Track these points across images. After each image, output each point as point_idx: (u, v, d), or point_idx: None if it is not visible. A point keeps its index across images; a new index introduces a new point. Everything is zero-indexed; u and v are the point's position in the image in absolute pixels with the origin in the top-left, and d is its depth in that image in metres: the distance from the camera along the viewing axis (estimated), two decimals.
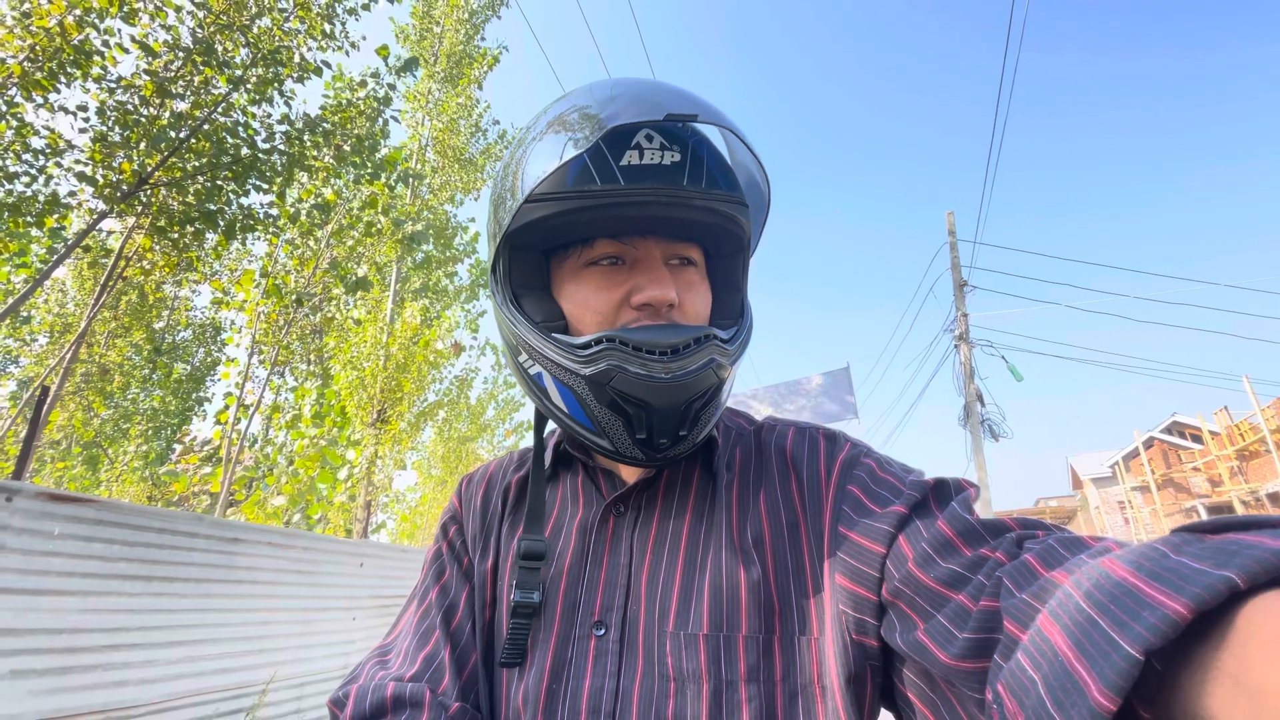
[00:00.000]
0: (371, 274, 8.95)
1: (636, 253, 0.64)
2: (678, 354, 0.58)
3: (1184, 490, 24.41)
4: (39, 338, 10.54)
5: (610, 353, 0.58)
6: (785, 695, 0.56)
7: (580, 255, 0.65)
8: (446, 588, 0.71)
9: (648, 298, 0.61)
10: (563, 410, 0.65)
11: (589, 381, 0.60)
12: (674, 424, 0.60)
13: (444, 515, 0.79)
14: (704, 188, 0.61)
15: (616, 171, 0.59)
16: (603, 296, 0.63)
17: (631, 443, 0.61)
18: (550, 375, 0.63)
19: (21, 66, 4.33)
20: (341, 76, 6.82)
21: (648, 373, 0.58)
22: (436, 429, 13.21)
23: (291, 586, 4.02)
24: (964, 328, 12.48)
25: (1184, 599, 0.27)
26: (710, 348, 0.60)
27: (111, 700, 2.79)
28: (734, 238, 0.67)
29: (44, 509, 2.58)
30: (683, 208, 0.60)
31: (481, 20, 11.66)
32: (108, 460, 9.77)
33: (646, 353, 0.58)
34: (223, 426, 7.39)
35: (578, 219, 0.60)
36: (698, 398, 0.60)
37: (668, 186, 0.59)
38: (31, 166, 4.67)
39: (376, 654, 0.69)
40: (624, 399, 0.59)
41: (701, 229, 0.64)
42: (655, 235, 0.64)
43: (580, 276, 0.65)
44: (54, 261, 5.10)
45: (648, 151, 0.59)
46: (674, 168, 0.60)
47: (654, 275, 0.62)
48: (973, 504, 0.55)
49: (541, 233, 0.63)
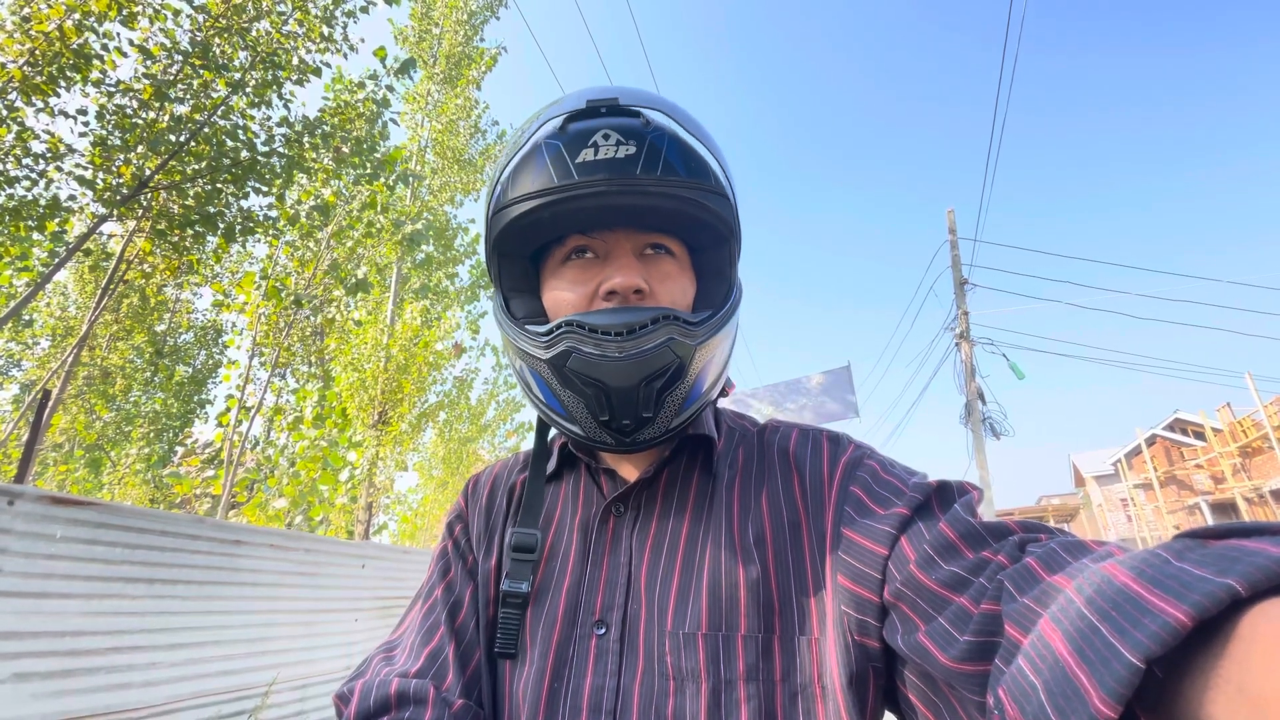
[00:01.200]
0: (372, 275, 8.96)
1: (607, 245, 0.66)
2: (633, 334, 0.60)
3: (1187, 487, 24.37)
4: (41, 341, 10.56)
5: (567, 335, 0.61)
6: (785, 695, 0.56)
7: (556, 253, 0.68)
8: (451, 585, 0.72)
9: (612, 285, 0.63)
10: (541, 400, 0.68)
11: (549, 364, 0.63)
12: (633, 404, 0.62)
13: (450, 514, 0.80)
14: (659, 175, 0.62)
15: (572, 168, 0.61)
16: (576, 289, 0.66)
17: (597, 425, 0.64)
18: (527, 366, 0.67)
19: (21, 71, 4.34)
20: (341, 79, 6.83)
21: (601, 352, 0.60)
22: (437, 430, 13.23)
23: (294, 588, 4.02)
24: (965, 326, 12.47)
25: (1185, 606, 0.27)
26: (669, 327, 0.61)
27: (115, 703, 2.80)
28: (708, 226, 0.67)
29: (46, 512, 2.59)
30: (637, 195, 0.62)
31: (480, 21, 11.66)
32: (110, 463, 9.79)
33: (602, 333, 0.60)
34: (224, 429, 7.40)
35: (540, 216, 0.63)
36: (656, 376, 0.61)
37: (620, 176, 0.61)
38: (32, 170, 4.68)
39: (382, 650, 0.70)
40: (581, 379, 0.61)
41: (666, 216, 0.65)
42: (623, 227, 0.66)
43: (558, 273, 0.68)
44: (55, 265, 5.11)
45: (603, 148, 0.62)
46: (628, 159, 0.61)
47: (620, 264, 0.65)
48: (975, 507, 0.55)
49: (519, 236, 0.67)
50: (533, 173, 0.63)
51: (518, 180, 0.64)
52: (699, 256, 0.71)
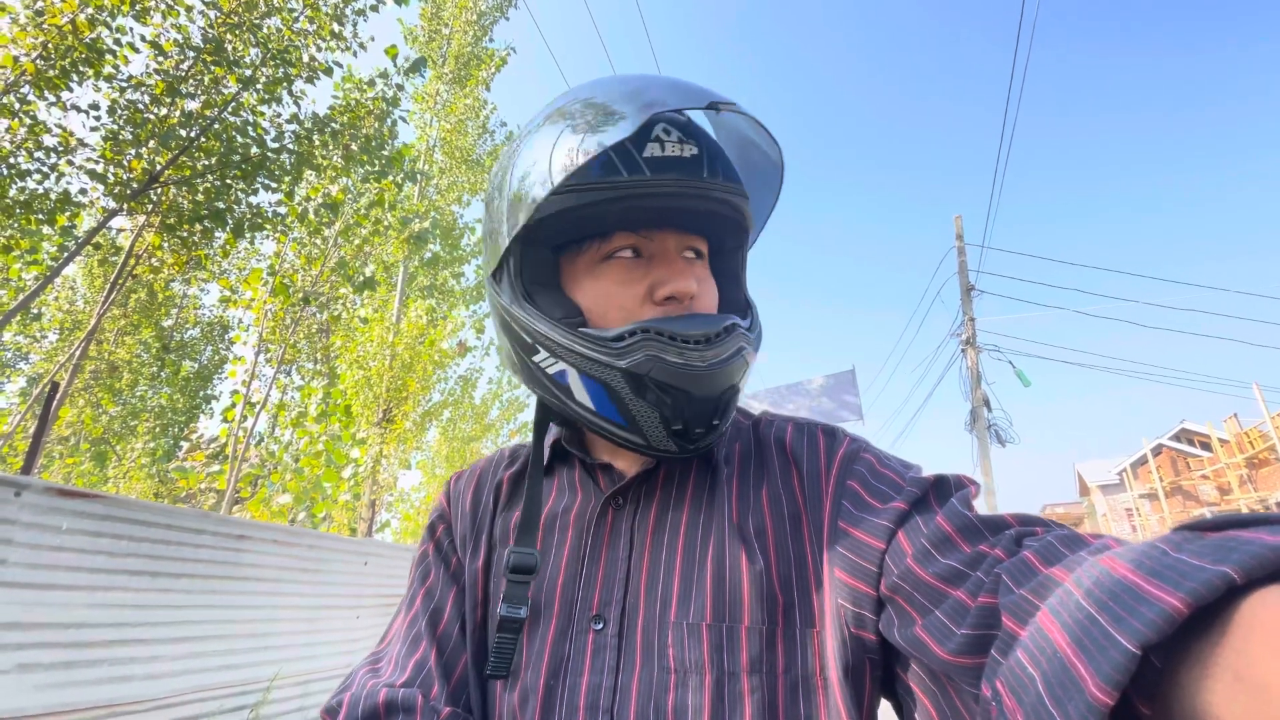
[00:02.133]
0: (379, 273, 8.98)
1: (653, 246, 0.63)
2: (711, 343, 0.58)
3: (1192, 498, 24.23)
4: (49, 334, 10.63)
5: (647, 343, 0.58)
6: (787, 687, 0.56)
7: (598, 249, 0.63)
8: (432, 591, 0.71)
9: (672, 290, 0.61)
10: (588, 408, 0.63)
11: (626, 374, 0.59)
12: (709, 413, 0.60)
13: (432, 514, 0.78)
14: (721, 180, 0.61)
15: (641, 163, 0.58)
16: (625, 291, 0.62)
17: (666, 435, 0.61)
18: (578, 371, 0.62)
19: (34, 64, 4.37)
20: (351, 77, 6.85)
21: (685, 361, 0.57)
22: (441, 429, 13.26)
23: (296, 584, 4.03)
24: (971, 332, 12.44)
25: (1181, 594, 0.27)
26: (738, 336, 0.60)
27: (117, 695, 2.80)
28: (740, 231, 0.68)
29: (52, 504, 2.60)
30: (704, 200, 0.61)
31: (490, 22, 11.71)
32: (115, 457, 9.83)
33: (683, 341, 0.57)
34: (229, 424, 7.42)
35: (602, 211, 0.60)
36: (730, 386, 0.61)
37: (690, 179, 0.59)
38: (43, 164, 4.71)
39: (369, 662, 0.68)
40: (663, 389, 0.58)
41: (715, 221, 0.65)
42: (672, 228, 0.64)
43: (598, 271, 0.63)
44: (64, 259, 5.14)
45: (668, 144, 0.59)
46: (694, 160, 0.60)
47: (675, 268, 0.62)
48: (972, 501, 0.55)
49: (560, 226, 0.62)
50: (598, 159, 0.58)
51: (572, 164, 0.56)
52: (715, 257, 0.71)
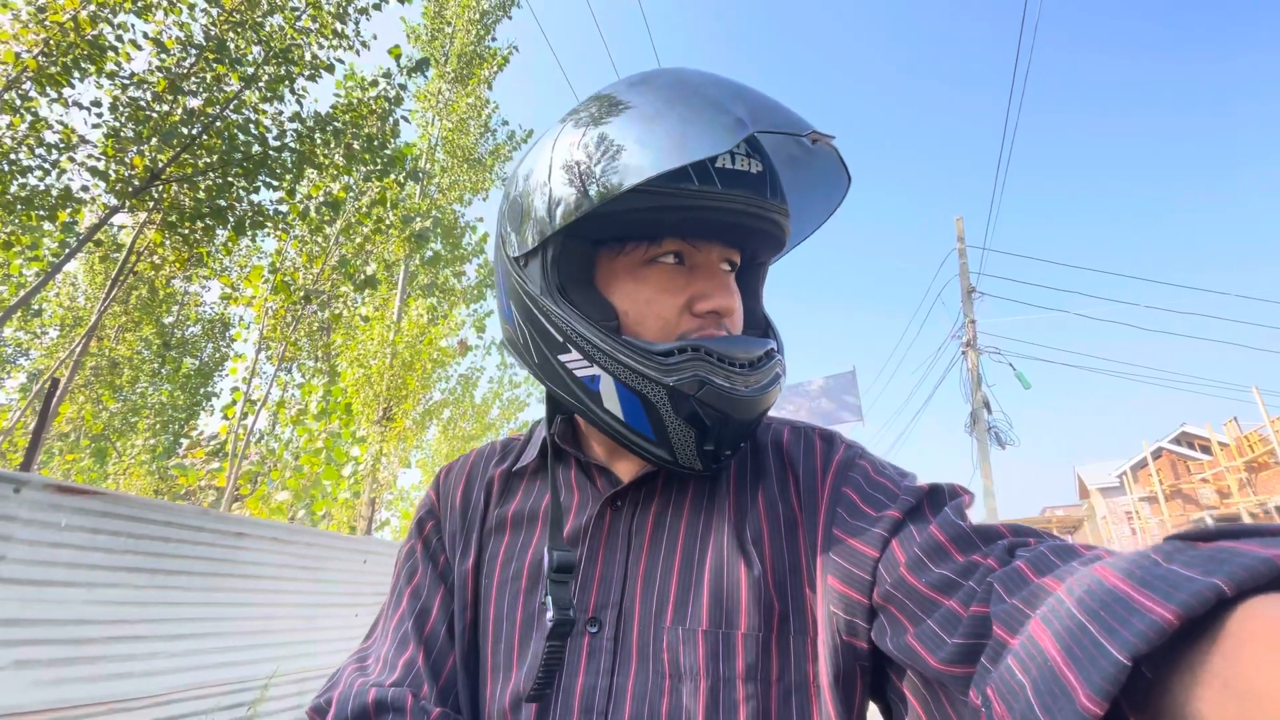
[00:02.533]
0: (380, 272, 8.99)
1: (699, 255, 0.62)
2: (754, 367, 0.58)
3: (1192, 502, 24.20)
4: (50, 331, 10.64)
5: (696, 363, 0.56)
6: (780, 694, 0.56)
7: (644, 252, 0.61)
8: (419, 590, 0.70)
9: (715, 305, 0.60)
10: (615, 417, 0.61)
11: (671, 391, 0.57)
12: (740, 436, 0.61)
13: (420, 509, 0.76)
14: (779, 201, 0.61)
15: (714, 175, 0.57)
16: (667, 300, 0.61)
17: (696, 454, 0.60)
18: (615, 380, 0.59)
19: (36, 61, 4.37)
20: (354, 76, 6.86)
21: (731, 385, 0.57)
22: (441, 427, 13.27)
23: (295, 582, 4.03)
24: (972, 334, 12.43)
25: (1172, 606, 0.28)
26: (775, 362, 0.61)
27: (115, 692, 2.80)
28: (776, 249, 0.68)
29: (52, 500, 2.60)
30: (765, 219, 0.60)
31: (492, 21, 11.72)
32: (115, 453, 9.84)
33: (730, 365, 0.57)
34: (229, 422, 7.43)
35: (664, 215, 0.58)
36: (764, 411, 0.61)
37: (757, 196, 0.59)
38: (45, 160, 4.72)
39: (355, 660, 0.67)
40: (706, 410, 0.57)
41: (761, 238, 0.64)
42: (721, 240, 0.63)
43: (640, 275, 0.62)
44: (66, 255, 5.15)
45: (738, 158, 0.58)
46: (759, 178, 0.59)
47: (718, 282, 0.62)
48: (966, 510, 0.55)
49: (611, 222, 0.59)
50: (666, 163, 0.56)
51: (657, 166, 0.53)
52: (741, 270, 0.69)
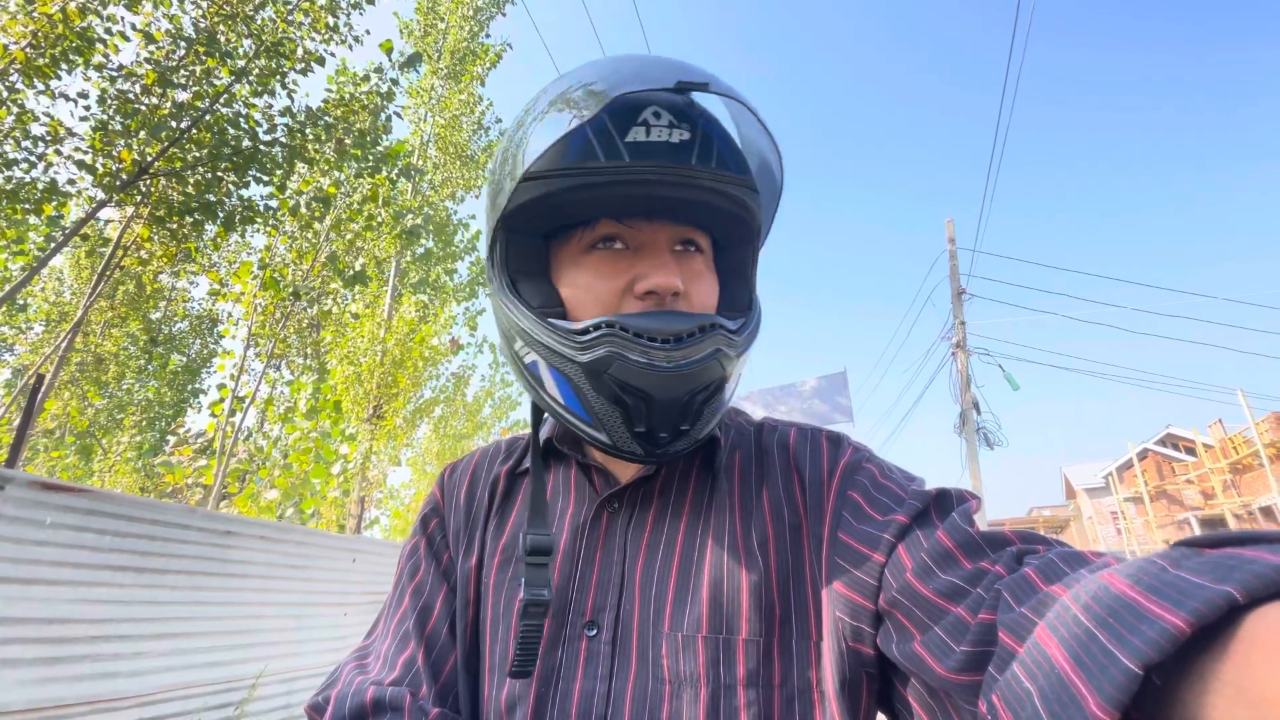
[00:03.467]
0: (370, 269, 8.93)
1: (641, 236, 0.60)
2: (681, 342, 0.55)
3: (1177, 502, 24.47)
4: (35, 326, 10.51)
5: (610, 339, 0.55)
6: (783, 700, 0.55)
7: (581, 238, 0.61)
8: (421, 587, 0.69)
9: (651, 285, 0.58)
10: (558, 401, 0.61)
11: (586, 369, 0.57)
12: (675, 417, 0.57)
13: (424, 507, 0.75)
14: (713, 168, 0.58)
15: (621, 147, 0.56)
16: (604, 283, 0.59)
17: (630, 436, 0.58)
18: (546, 363, 0.60)
19: (24, 52, 4.31)
20: (345, 71, 6.81)
21: (648, 360, 0.54)
22: (432, 426, 13.21)
23: (283, 581, 4.00)
24: (961, 335, 12.51)
25: (1183, 613, 0.27)
26: (716, 337, 0.57)
27: (101, 691, 2.77)
28: (743, 225, 0.64)
29: (36, 498, 2.57)
30: (689, 188, 0.57)
31: (486, 17, 11.67)
32: (101, 450, 9.74)
33: (648, 340, 0.54)
34: (217, 419, 7.36)
35: (579, 197, 0.57)
36: (700, 390, 0.57)
37: (675, 165, 0.56)
38: (31, 153, 4.65)
39: (355, 657, 0.66)
40: (623, 388, 0.56)
41: (709, 213, 0.61)
42: (661, 218, 0.61)
43: (581, 261, 0.61)
44: (52, 250, 5.08)
45: (655, 128, 0.56)
46: (682, 146, 0.57)
47: (658, 261, 0.59)
48: (974, 516, 0.54)
49: (541, 213, 0.60)
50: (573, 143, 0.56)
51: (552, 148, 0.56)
52: (721, 253, 0.68)
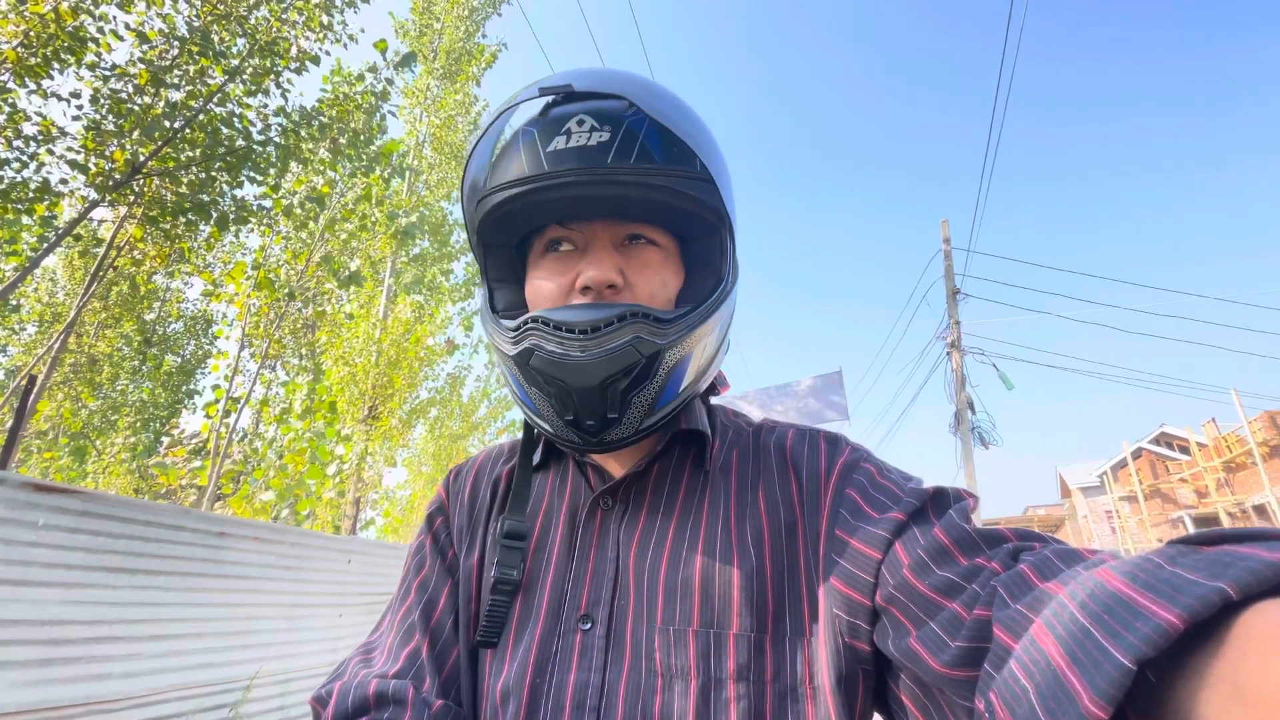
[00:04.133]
0: (365, 269, 8.91)
1: (585, 236, 0.65)
2: (597, 332, 0.58)
3: (1171, 501, 24.56)
4: (27, 326, 10.45)
5: (532, 332, 0.60)
6: (775, 695, 0.55)
7: (536, 244, 0.68)
8: (426, 582, 0.71)
9: (585, 279, 0.62)
10: (517, 394, 0.67)
11: (515, 361, 0.62)
12: (596, 404, 0.60)
13: (430, 506, 0.78)
14: (632, 163, 0.60)
15: (543, 158, 0.60)
16: (552, 282, 0.64)
17: (562, 424, 0.62)
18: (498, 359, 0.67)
19: (15, 52, 4.29)
20: (340, 71, 6.79)
21: (563, 350, 0.58)
22: (428, 426, 13.17)
23: (278, 582, 3.99)
24: (956, 335, 12.54)
25: (1177, 609, 0.28)
26: (635, 325, 0.59)
27: (94, 693, 2.76)
28: (692, 215, 0.65)
29: (29, 499, 2.55)
30: (607, 185, 0.60)
31: (482, 18, 11.66)
32: (94, 452, 9.68)
33: (566, 331, 0.58)
34: (211, 420, 7.33)
35: (515, 207, 0.63)
36: (620, 376, 0.59)
37: (590, 165, 0.59)
38: (23, 153, 4.63)
39: (361, 651, 0.68)
40: (544, 378, 0.60)
41: (643, 206, 0.63)
42: (601, 218, 0.64)
43: (538, 264, 0.67)
44: (44, 250, 5.05)
45: (575, 135, 0.60)
46: (599, 147, 0.60)
47: (594, 257, 0.63)
48: (970, 514, 0.55)
49: (498, 227, 0.67)
50: (505, 161, 0.63)
51: (493, 168, 0.64)
52: (689, 246, 0.69)
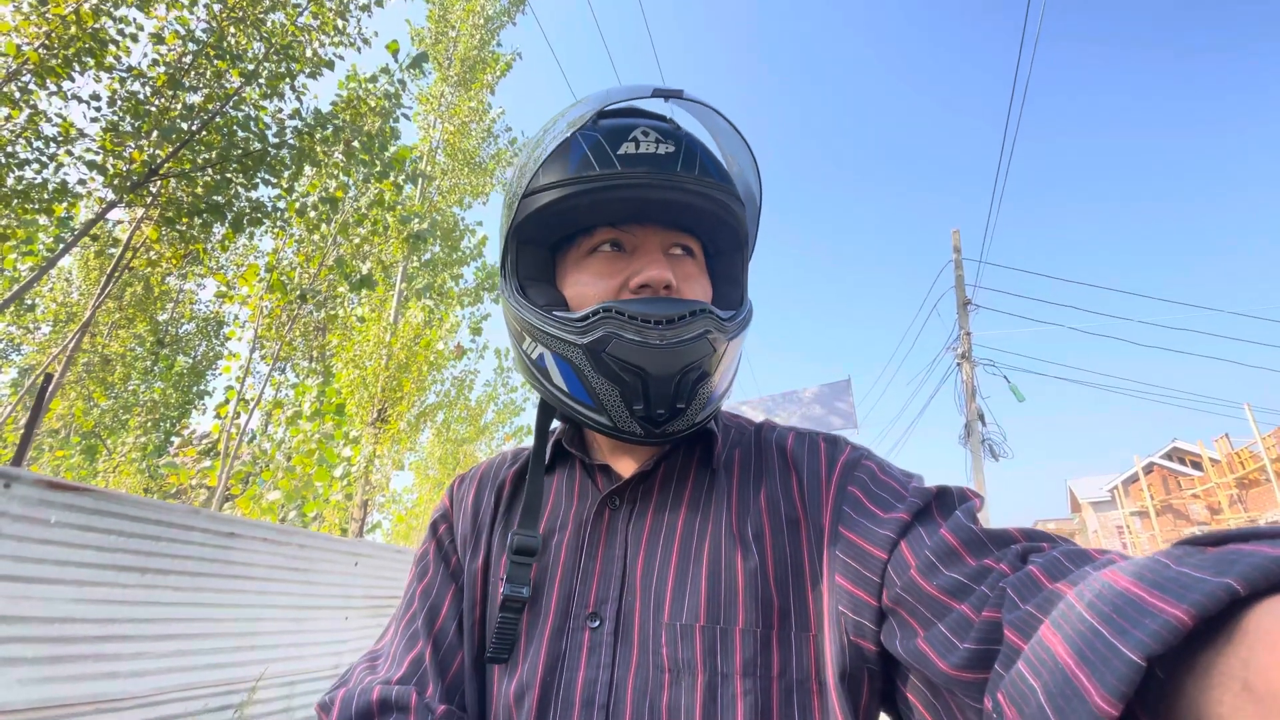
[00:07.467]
0: (377, 273, 8.96)
1: (635, 240, 0.67)
2: (673, 324, 0.60)
3: (1183, 517, 24.30)
4: (42, 326, 10.56)
5: (607, 321, 0.61)
6: (781, 690, 0.55)
7: (582, 245, 0.68)
8: (429, 589, 0.72)
9: (645, 278, 0.64)
10: (563, 390, 0.66)
11: (586, 350, 0.62)
12: (670, 394, 0.62)
13: (435, 513, 0.79)
14: (697, 175, 0.64)
15: (614, 159, 0.62)
16: (603, 282, 0.66)
17: (629, 415, 0.63)
18: (551, 353, 0.66)
19: (37, 54, 4.35)
20: (355, 76, 6.85)
21: (643, 338, 0.60)
22: (435, 430, 13.21)
23: (285, 583, 3.99)
24: (967, 346, 12.47)
25: (1185, 606, 0.28)
26: (705, 319, 0.62)
27: (102, 691, 2.76)
28: (730, 231, 0.70)
29: (42, 496, 2.57)
30: (676, 191, 0.63)
31: (497, 26, 11.74)
32: (106, 451, 9.75)
33: (643, 321, 0.60)
34: (222, 420, 7.37)
35: (577, 203, 0.64)
36: (692, 367, 0.62)
37: (662, 171, 0.63)
38: (42, 154, 4.69)
39: (367, 659, 0.69)
40: (620, 365, 0.61)
41: (697, 216, 0.67)
42: (653, 223, 0.67)
43: (583, 264, 0.68)
44: (60, 250, 5.11)
45: (643, 143, 0.63)
46: (668, 156, 0.63)
47: (651, 259, 0.65)
48: (976, 514, 0.55)
49: (546, 224, 0.67)
50: (571, 160, 0.64)
51: (553, 166, 0.64)
52: (713, 260, 0.74)
